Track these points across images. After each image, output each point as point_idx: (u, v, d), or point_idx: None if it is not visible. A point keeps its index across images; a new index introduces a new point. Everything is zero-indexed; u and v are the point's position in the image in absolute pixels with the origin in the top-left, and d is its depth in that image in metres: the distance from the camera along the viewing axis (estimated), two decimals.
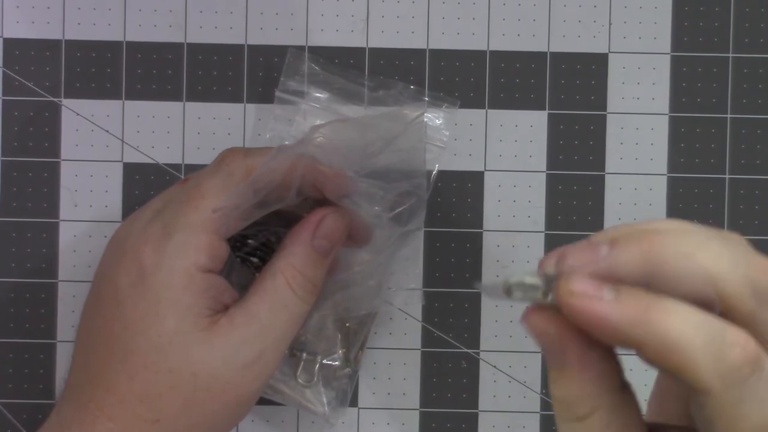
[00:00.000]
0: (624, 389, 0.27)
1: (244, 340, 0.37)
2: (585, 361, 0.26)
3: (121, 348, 0.37)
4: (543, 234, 0.46)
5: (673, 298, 0.25)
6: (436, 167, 0.46)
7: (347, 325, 0.45)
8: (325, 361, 0.45)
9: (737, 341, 0.25)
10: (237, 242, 0.42)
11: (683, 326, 0.25)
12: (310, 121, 0.45)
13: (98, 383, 0.37)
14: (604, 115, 0.46)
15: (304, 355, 0.44)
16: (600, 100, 0.46)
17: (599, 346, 0.26)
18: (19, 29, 0.46)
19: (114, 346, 0.37)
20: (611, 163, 0.46)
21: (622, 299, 0.25)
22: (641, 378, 0.47)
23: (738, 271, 0.25)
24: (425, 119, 0.46)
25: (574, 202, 0.46)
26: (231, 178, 0.38)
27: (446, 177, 0.46)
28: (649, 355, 0.25)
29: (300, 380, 0.44)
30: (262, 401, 0.45)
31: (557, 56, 0.46)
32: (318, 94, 0.46)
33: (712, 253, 0.26)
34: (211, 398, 0.37)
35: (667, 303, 0.25)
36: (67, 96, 0.46)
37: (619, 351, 0.27)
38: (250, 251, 0.42)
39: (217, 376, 0.37)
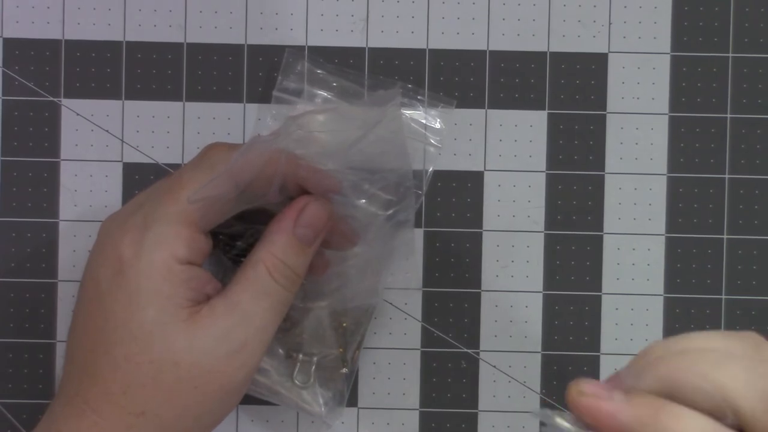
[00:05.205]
0: None
1: (226, 329, 0.37)
2: None
3: (104, 340, 0.37)
4: (543, 234, 0.46)
5: (682, 405, 0.27)
6: (431, 168, 0.46)
7: (344, 325, 0.45)
8: (321, 362, 0.45)
9: None
10: (226, 245, 0.42)
11: None
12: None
13: (84, 377, 0.37)
14: (604, 115, 0.46)
15: (301, 356, 0.44)
16: (600, 100, 0.46)
17: None
18: (19, 29, 0.46)
19: (97, 339, 0.37)
20: (611, 163, 0.46)
21: (633, 402, 0.27)
22: None
23: (755, 389, 0.27)
24: (423, 120, 0.46)
25: (574, 202, 0.46)
26: (212, 171, 0.38)
27: (446, 177, 0.46)
28: None
29: (296, 381, 0.44)
30: (261, 402, 0.45)
31: (557, 56, 0.46)
32: (317, 93, 0.46)
33: (728, 373, 0.27)
34: (195, 388, 0.37)
35: (677, 408, 0.27)
36: (67, 96, 0.46)
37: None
38: (239, 252, 0.42)
39: (200, 365, 0.37)
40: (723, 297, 0.46)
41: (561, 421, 0.29)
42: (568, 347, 0.46)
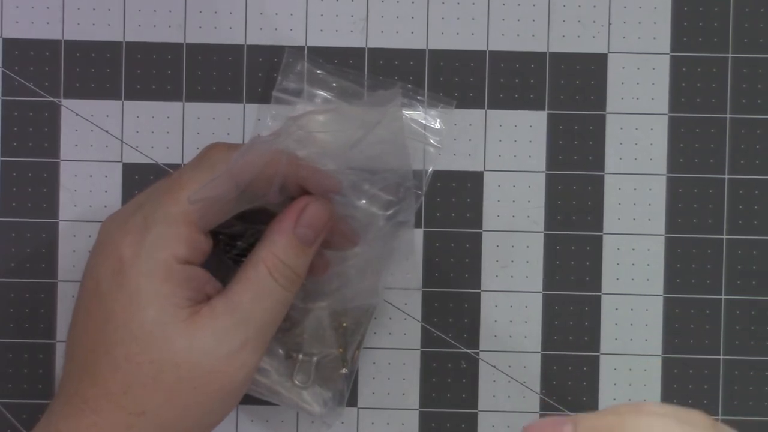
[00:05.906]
0: None
1: (226, 330, 0.37)
2: None
3: (104, 340, 0.37)
4: (542, 234, 0.46)
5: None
6: (431, 168, 0.46)
7: (344, 325, 0.45)
8: (321, 362, 0.45)
9: None
10: (226, 245, 0.42)
11: None
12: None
13: (84, 376, 0.37)
14: (604, 115, 0.46)
15: (301, 356, 0.44)
16: (599, 101, 0.46)
17: None
18: (19, 29, 0.46)
19: (97, 339, 0.37)
20: (610, 163, 0.46)
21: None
22: (641, 378, 0.47)
23: None
24: (423, 121, 0.46)
25: (574, 202, 0.46)
26: (212, 171, 0.38)
27: (446, 177, 0.46)
28: None
29: (296, 381, 0.44)
30: (261, 402, 0.45)
31: (557, 56, 0.46)
32: (317, 93, 0.46)
33: None
34: (195, 389, 0.37)
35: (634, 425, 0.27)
36: (67, 96, 0.46)
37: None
38: (239, 252, 0.42)
39: (200, 365, 0.37)
40: (723, 297, 0.46)
41: None
42: (568, 347, 0.46)
